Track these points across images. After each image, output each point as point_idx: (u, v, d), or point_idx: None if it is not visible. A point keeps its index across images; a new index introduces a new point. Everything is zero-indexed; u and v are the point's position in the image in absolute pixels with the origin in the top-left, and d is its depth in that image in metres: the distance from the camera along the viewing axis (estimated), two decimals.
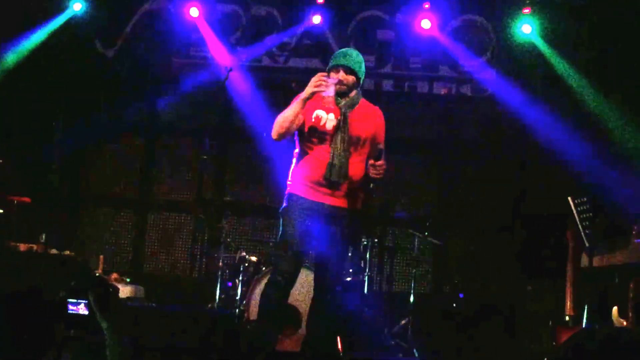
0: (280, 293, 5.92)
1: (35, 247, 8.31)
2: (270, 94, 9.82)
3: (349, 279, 8.15)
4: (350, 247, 7.93)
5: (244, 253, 8.46)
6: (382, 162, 5.72)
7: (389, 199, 9.35)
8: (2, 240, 8.25)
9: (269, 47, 10.44)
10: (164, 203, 10.72)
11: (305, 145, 5.93)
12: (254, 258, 8.39)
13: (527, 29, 9.82)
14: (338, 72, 5.93)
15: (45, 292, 6.23)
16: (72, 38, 10.27)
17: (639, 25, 9.29)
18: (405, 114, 10.27)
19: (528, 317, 8.99)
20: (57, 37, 10.15)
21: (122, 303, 7.85)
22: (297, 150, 6.01)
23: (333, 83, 5.78)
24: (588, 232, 6.44)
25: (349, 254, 8.05)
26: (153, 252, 10.64)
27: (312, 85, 5.70)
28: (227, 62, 9.84)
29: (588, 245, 6.47)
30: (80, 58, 10.43)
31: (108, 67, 10.50)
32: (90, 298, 5.84)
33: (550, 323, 6.77)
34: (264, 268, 8.17)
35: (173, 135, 10.70)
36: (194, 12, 10.18)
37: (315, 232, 5.86)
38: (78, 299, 5.98)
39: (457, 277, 9.78)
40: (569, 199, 6.52)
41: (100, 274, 8.68)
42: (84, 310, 5.95)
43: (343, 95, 5.95)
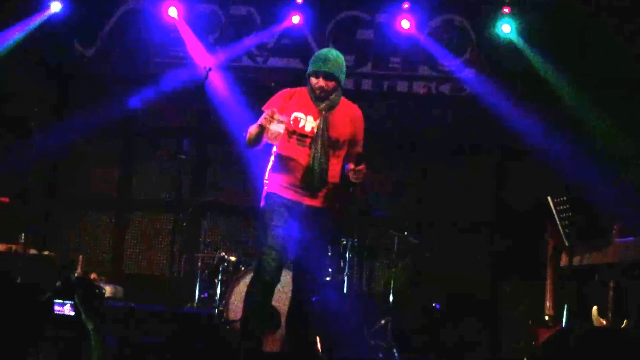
0: (267, 292, 5.91)
1: (15, 247, 8.27)
2: (250, 94, 9.78)
3: (329, 279, 8.14)
4: (330, 246, 7.93)
5: (223, 253, 8.43)
6: (362, 167, 5.72)
7: (368, 199, 9.34)
8: None
9: (248, 47, 10.41)
10: (143, 203, 10.66)
11: (284, 146, 5.90)
12: (233, 258, 8.36)
13: (506, 29, 9.82)
14: (319, 78, 5.89)
15: (27, 290, 6.23)
16: (50, 38, 10.22)
17: (617, 24, 9.36)
18: (385, 113, 10.29)
19: (508, 316, 9.02)
20: (35, 36, 10.07)
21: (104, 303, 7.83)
22: (275, 150, 5.98)
23: (283, 121, 5.65)
24: (568, 231, 6.45)
25: (329, 254, 8.05)
26: (132, 252, 10.58)
27: (262, 118, 5.65)
28: (206, 62, 9.79)
29: (568, 245, 6.48)
30: (59, 58, 10.40)
31: (87, 66, 10.46)
32: (77, 299, 5.84)
33: (530, 322, 6.78)
34: (243, 268, 8.15)
35: (151, 136, 10.64)
36: (173, 12, 10.14)
37: (294, 231, 5.85)
38: (64, 300, 5.99)
39: (435, 276, 9.77)
40: (549, 199, 6.51)
41: (80, 274, 8.63)
42: (70, 311, 5.96)
43: (323, 99, 5.93)
